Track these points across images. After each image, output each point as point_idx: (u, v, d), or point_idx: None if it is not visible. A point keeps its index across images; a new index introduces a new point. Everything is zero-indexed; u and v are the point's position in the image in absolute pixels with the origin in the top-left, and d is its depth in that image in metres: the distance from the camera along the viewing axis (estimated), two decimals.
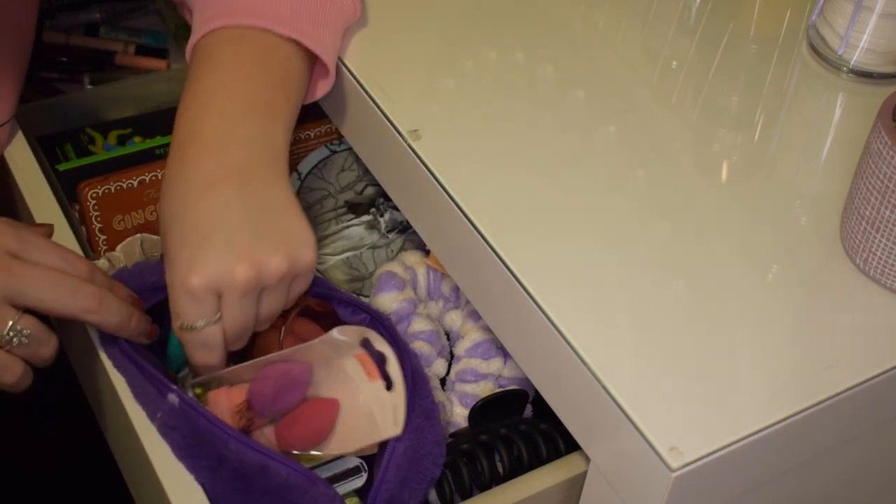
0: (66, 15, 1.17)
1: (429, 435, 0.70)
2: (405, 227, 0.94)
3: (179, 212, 0.68)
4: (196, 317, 0.67)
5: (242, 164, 0.69)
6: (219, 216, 0.67)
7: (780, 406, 0.60)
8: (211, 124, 0.70)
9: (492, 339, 0.83)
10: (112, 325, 0.68)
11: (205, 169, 0.68)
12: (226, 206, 0.67)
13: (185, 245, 0.67)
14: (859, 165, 0.66)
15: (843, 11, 0.79)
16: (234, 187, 0.68)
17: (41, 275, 0.65)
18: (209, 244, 0.66)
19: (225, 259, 0.66)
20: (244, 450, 0.65)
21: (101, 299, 0.66)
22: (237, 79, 0.71)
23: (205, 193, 0.67)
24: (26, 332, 0.65)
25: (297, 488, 0.64)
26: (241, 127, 0.70)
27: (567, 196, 0.70)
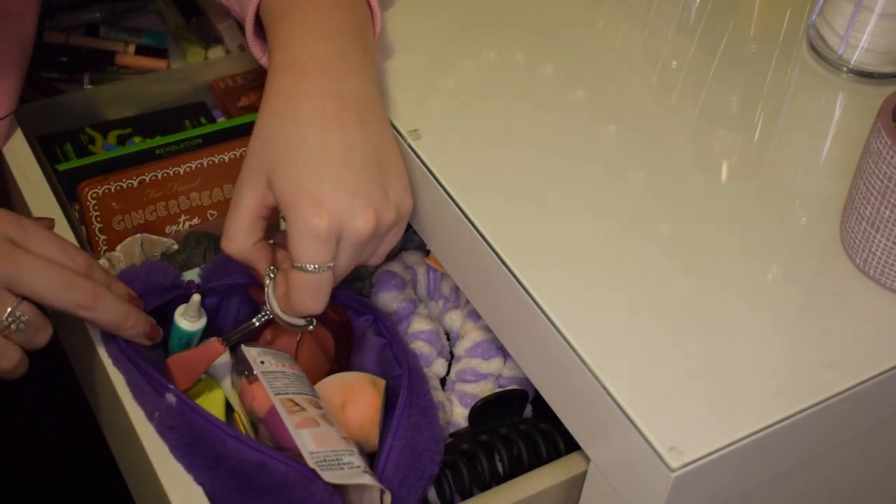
0: (66, 15, 1.17)
1: (426, 432, 0.70)
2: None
3: (297, 143, 0.67)
4: (320, 259, 0.67)
5: (362, 97, 0.68)
6: (343, 156, 0.66)
7: (780, 406, 0.60)
8: (323, 50, 0.68)
9: (492, 338, 0.83)
10: (107, 324, 0.68)
11: (326, 96, 0.67)
12: (348, 146, 0.66)
13: (309, 183, 0.66)
14: (859, 165, 0.66)
15: (842, 11, 0.79)
16: (357, 124, 0.67)
17: (39, 265, 0.65)
18: (338, 188, 0.66)
19: (352, 206, 0.66)
20: (242, 448, 0.65)
21: (96, 296, 0.66)
22: (335, 15, 0.70)
23: (328, 127, 0.66)
24: (24, 318, 0.64)
25: (297, 485, 0.64)
26: (353, 56, 0.69)
27: (567, 196, 0.70)
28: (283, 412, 0.67)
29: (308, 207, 0.66)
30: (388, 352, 0.77)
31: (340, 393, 0.74)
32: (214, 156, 0.90)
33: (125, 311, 0.68)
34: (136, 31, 1.17)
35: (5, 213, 0.66)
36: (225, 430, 0.66)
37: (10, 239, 0.65)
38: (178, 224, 0.91)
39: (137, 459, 0.70)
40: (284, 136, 0.67)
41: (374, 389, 0.74)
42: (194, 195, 0.90)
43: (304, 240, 0.66)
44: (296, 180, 0.66)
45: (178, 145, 0.94)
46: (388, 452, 0.69)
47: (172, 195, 0.90)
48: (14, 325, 0.64)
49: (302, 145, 0.67)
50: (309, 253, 0.67)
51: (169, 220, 0.90)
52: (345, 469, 0.66)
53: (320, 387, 0.75)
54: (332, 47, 0.69)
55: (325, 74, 0.68)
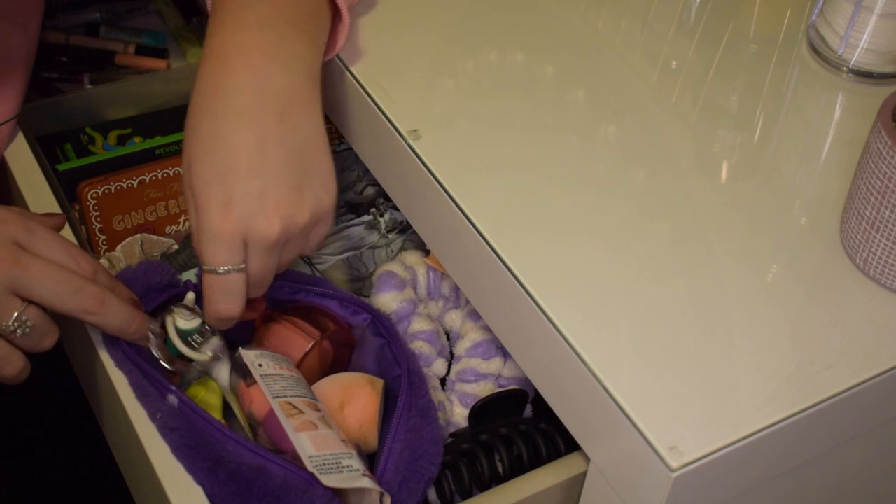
0: (66, 15, 1.17)
1: (425, 434, 0.70)
2: (405, 227, 0.94)
3: (210, 139, 0.65)
4: (223, 262, 0.66)
5: (283, 89, 0.66)
6: (255, 155, 0.64)
7: (780, 406, 0.60)
8: (249, 41, 0.66)
9: (492, 338, 0.83)
10: (112, 328, 0.68)
11: (243, 89, 0.65)
12: (262, 144, 0.64)
13: (217, 183, 0.64)
14: (859, 165, 0.66)
15: (842, 11, 0.79)
16: (273, 119, 0.65)
17: (46, 269, 0.64)
18: (243, 188, 0.64)
19: (257, 209, 0.64)
20: (242, 451, 0.65)
21: (102, 301, 0.66)
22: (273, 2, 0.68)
23: (242, 123, 0.64)
24: (30, 323, 0.64)
25: (296, 490, 0.64)
26: (282, 46, 0.67)
27: (567, 196, 0.70)
28: (282, 416, 0.67)
29: (214, 208, 0.64)
30: (386, 352, 0.77)
31: (339, 393, 0.74)
32: None
33: (129, 316, 0.68)
34: (136, 31, 1.17)
35: (13, 215, 0.66)
36: (225, 432, 0.66)
37: (16, 242, 0.65)
38: (178, 224, 0.91)
39: (137, 460, 0.70)
40: (201, 132, 0.65)
41: (373, 390, 0.74)
42: None
43: (209, 242, 0.65)
44: (205, 180, 0.65)
45: (178, 145, 0.94)
46: (388, 455, 0.69)
47: (172, 195, 0.90)
48: (20, 329, 0.64)
49: (213, 142, 0.65)
50: (214, 255, 0.65)
51: (169, 220, 0.90)
52: (344, 472, 0.65)
53: (318, 387, 0.75)
54: (260, 37, 0.67)
55: (246, 67, 0.66)
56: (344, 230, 0.93)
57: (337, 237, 0.93)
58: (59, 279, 0.65)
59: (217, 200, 0.64)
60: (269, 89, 0.65)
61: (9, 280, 0.63)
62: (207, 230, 0.65)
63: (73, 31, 1.15)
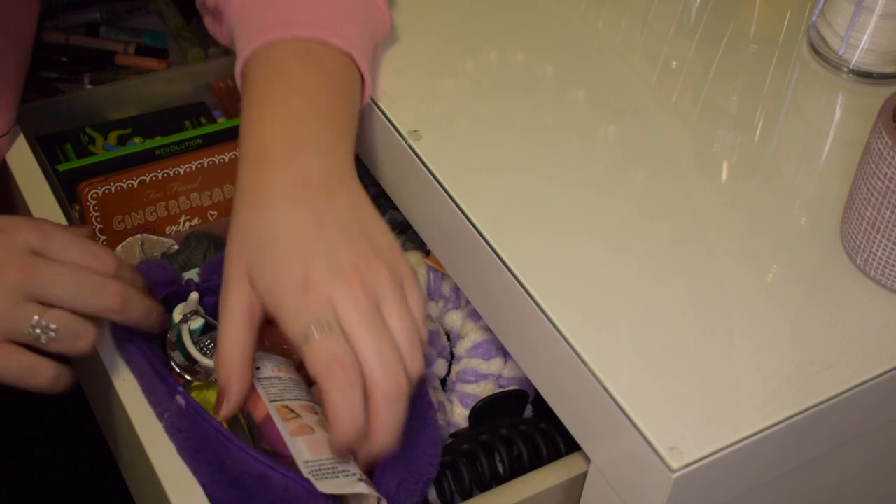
0: (66, 15, 1.17)
1: (423, 436, 0.70)
2: (405, 227, 0.94)
3: (270, 228, 0.63)
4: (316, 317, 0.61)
5: (322, 175, 0.65)
6: (315, 229, 0.63)
7: (781, 406, 0.60)
8: (284, 134, 0.67)
9: (492, 339, 0.83)
10: (133, 321, 0.67)
11: (287, 180, 0.65)
12: (318, 218, 0.63)
13: (289, 264, 0.62)
14: (859, 166, 0.66)
15: (843, 12, 0.79)
16: (323, 198, 0.64)
17: (62, 272, 0.64)
18: (315, 260, 0.62)
19: (333, 275, 0.61)
20: (245, 458, 0.65)
21: (124, 298, 0.65)
22: (305, 89, 0.69)
23: (292, 207, 0.64)
24: (53, 326, 0.63)
25: (297, 500, 0.64)
26: (315, 136, 0.67)
27: (567, 196, 0.70)
28: (279, 420, 0.67)
29: (292, 290, 0.61)
30: None
31: None
32: (214, 156, 0.90)
33: (148, 308, 0.68)
34: (136, 31, 1.17)
35: (25, 222, 0.65)
36: (230, 438, 0.66)
37: (32, 248, 0.64)
38: (178, 224, 0.91)
39: (138, 460, 0.70)
40: (257, 228, 0.64)
41: None
42: (194, 195, 0.90)
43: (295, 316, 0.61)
44: (273, 267, 0.62)
45: (178, 145, 0.94)
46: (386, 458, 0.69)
47: (172, 195, 0.90)
48: (44, 335, 0.63)
49: (273, 230, 0.63)
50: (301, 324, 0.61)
51: (169, 220, 0.90)
52: (339, 477, 0.65)
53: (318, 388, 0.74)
54: (297, 132, 0.67)
55: (285, 163, 0.65)
56: None
57: None
58: (77, 281, 0.64)
59: (292, 282, 0.61)
60: (310, 178, 0.65)
61: (23, 287, 0.63)
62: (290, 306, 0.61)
63: (73, 31, 1.15)
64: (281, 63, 0.71)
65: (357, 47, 0.73)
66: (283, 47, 0.71)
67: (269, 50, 0.71)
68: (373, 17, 0.76)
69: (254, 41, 0.72)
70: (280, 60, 0.71)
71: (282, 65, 0.71)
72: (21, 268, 0.63)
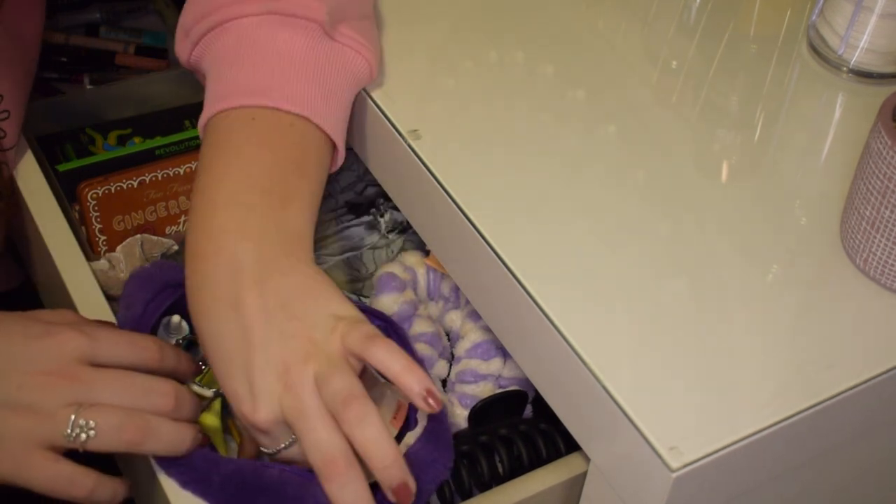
0: (66, 15, 1.17)
1: (441, 439, 0.70)
2: (405, 227, 0.94)
3: (212, 338, 0.64)
4: (272, 446, 0.64)
5: (257, 262, 0.64)
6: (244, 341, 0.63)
7: (781, 406, 0.60)
8: (217, 223, 0.66)
9: (492, 339, 0.83)
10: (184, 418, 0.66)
11: (220, 280, 0.64)
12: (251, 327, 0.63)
13: (233, 378, 0.63)
14: (859, 165, 0.66)
15: (842, 11, 0.79)
16: (254, 298, 0.63)
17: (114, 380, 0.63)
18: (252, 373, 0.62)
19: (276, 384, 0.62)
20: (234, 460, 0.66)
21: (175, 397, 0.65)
22: (246, 164, 0.68)
23: (227, 311, 0.64)
24: (91, 424, 0.62)
25: (293, 484, 0.64)
26: (251, 218, 0.66)
27: (567, 196, 0.70)
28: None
29: (242, 404, 0.63)
30: None
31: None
32: None
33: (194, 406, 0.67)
34: (136, 31, 1.17)
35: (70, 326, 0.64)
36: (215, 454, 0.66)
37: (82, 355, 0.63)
38: (178, 224, 0.91)
39: (138, 460, 0.70)
40: (202, 331, 0.65)
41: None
42: None
43: (253, 433, 0.64)
44: (224, 376, 0.64)
45: (178, 146, 0.94)
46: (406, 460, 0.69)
47: (172, 196, 0.90)
48: (83, 433, 0.61)
49: (213, 341, 0.64)
50: (263, 443, 0.65)
51: (169, 220, 0.90)
52: None
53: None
54: (227, 216, 0.66)
55: (215, 253, 0.65)
56: (344, 230, 0.93)
57: (337, 238, 0.93)
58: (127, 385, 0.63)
59: (240, 396, 0.63)
60: (242, 268, 0.64)
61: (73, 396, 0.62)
62: (247, 423, 0.64)
63: (73, 31, 1.15)
64: (226, 136, 0.69)
65: (316, 106, 0.70)
66: (231, 117, 0.69)
67: (219, 121, 0.70)
68: (345, 65, 0.73)
69: (208, 110, 0.71)
70: (225, 133, 0.69)
71: (225, 138, 0.69)
72: (71, 377, 0.62)
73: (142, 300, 0.72)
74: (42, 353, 0.63)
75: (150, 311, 0.72)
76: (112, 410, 0.62)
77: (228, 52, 0.72)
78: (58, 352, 0.63)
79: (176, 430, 0.64)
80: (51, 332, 0.64)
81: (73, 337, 0.64)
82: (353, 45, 0.74)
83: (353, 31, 0.74)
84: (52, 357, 0.63)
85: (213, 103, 0.71)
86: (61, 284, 0.77)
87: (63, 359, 0.63)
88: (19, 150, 0.85)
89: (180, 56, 0.77)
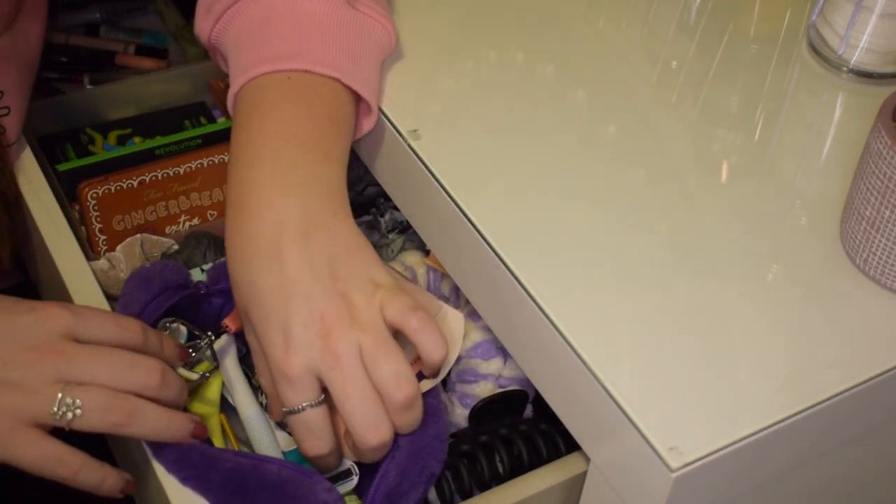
0: (66, 15, 1.17)
1: (430, 430, 0.70)
2: (405, 227, 0.94)
3: (248, 286, 0.65)
4: (296, 402, 0.64)
5: (302, 217, 0.65)
6: (288, 289, 0.64)
7: (781, 406, 0.60)
8: (262, 176, 0.67)
9: (492, 339, 0.83)
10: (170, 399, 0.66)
11: (264, 232, 0.65)
12: (292, 276, 0.64)
13: (269, 330, 0.64)
14: (859, 165, 0.66)
15: (842, 11, 0.79)
16: (298, 250, 0.64)
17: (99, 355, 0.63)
18: (291, 323, 0.63)
19: (311, 332, 0.63)
20: (232, 455, 0.66)
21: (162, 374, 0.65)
22: (285, 123, 0.69)
23: (267, 264, 0.64)
24: (78, 402, 0.61)
25: (292, 482, 0.64)
26: (293, 174, 0.67)
27: (567, 196, 0.70)
28: None
29: (275, 351, 0.64)
30: None
31: None
32: (214, 156, 0.90)
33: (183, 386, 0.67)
34: (136, 31, 1.17)
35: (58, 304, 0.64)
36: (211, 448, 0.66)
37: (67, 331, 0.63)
38: (178, 224, 0.91)
39: (138, 460, 0.70)
40: (239, 281, 0.66)
41: None
42: (194, 195, 0.90)
43: (279, 385, 0.65)
44: (261, 329, 0.65)
45: (178, 145, 0.94)
46: (393, 450, 0.69)
47: (172, 195, 0.90)
48: (70, 412, 0.61)
49: (252, 289, 0.65)
50: (287, 397, 0.65)
51: (169, 220, 0.90)
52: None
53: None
54: (272, 170, 0.67)
55: (261, 206, 0.66)
56: None
57: None
58: (113, 361, 0.63)
59: (275, 342, 0.64)
60: (286, 222, 0.65)
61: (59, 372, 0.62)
62: (275, 372, 0.64)
63: (73, 31, 1.15)
64: (261, 98, 0.70)
65: (344, 68, 0.72)
66: (264, 82, 0.71)
67: (252, 87, 0.71)
68: (367, 32, 0.75)
69: (239, 79, 0.71)
70: (261, 96, 0.70)
71: (262, 100, 0.70)
72: (57, 352, 0.62)
73: (140, 301, 0.72)
74: (27, 328, 0.63)
75: (149, 313, 0.72)
76: (99, 390, 0.62)
77: (255, 24, 0.73)
78: (43, 327, 0.63)
79: (163, 415, 0.64)
80: (35, 308, 0.64)
81: (59, 313, 0.64)
82: (374, 14, 0.76)
83: (373, 2, 0.76)
84: (37, 333, 0.63)
85: (244, 71, 0.71)
86: (61, 284, 0.77)
87: (49, 334, 0.63)
88: (19, 150, 0.85)
89: (200, 33, 0.78)
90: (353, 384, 0.64)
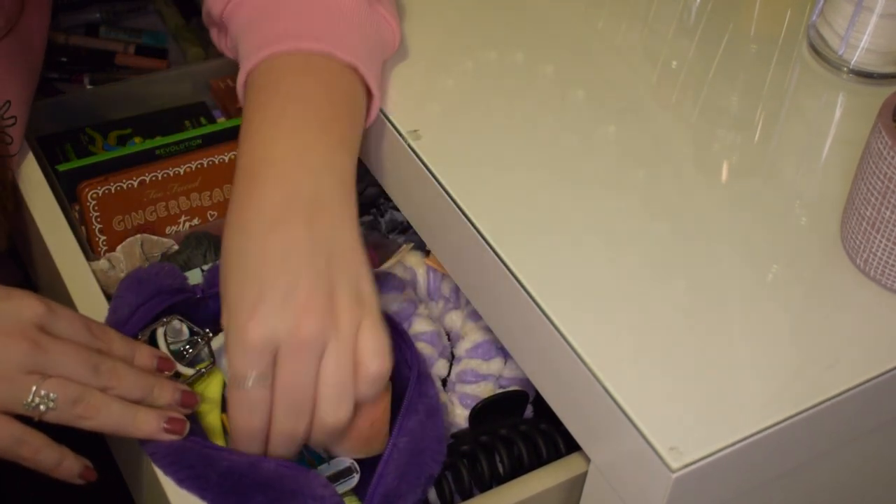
0: (66, 15, 1.17)
1: (429, 431, 0.70)
2: (405, 227, 0.94)
3: (237, 254, 0.64)
4: (246, 367, 0.63)
5: (312, 197, 0.65)
6: (281, 262, 0.63)
7: (781, 406, 0.60)
8: (279, 151, 0.66)
9: (492, 339, 0.83)
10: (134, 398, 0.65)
11: (271, 203, 0.64)
12: (288, 251, 0.63)
13: (245, 290, 0.63)
14: (859, 166, 0.66)
15: (843, 11, 0.79)
16: (301, 227, 0.64)
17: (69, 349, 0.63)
18: (272, 292, 0.62)
19: (284, 307, 0.62)
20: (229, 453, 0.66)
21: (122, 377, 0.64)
22: (304, 104, 0.68)
23: (270, 234, 0.64)
24: (52, 396, 0.62)
25: (289, 477, 0.64)
26: (310, 154, 0.66)
27: (567, 196, 0.70)
28: None
29: (240, 314, 0.62)
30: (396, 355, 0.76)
31: None
32: (214, 156, 0.90)
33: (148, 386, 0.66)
34: (136, 31, 1.17)
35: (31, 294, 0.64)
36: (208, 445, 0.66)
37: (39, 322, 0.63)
38: (178, 224, 0.91)
39: (138, 460, 0.70)
40: (231, 248, 0.65)
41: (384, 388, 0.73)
42: (194, 196, 0.90)
43: (234, 347, 0.63)
44: (234, 289, 0.64)
45: (178, 146, 0.94)
46: (391, 451, 0.69)
47: (172, 196, 0.90)
48: (43, 404, 0.62)
49: (241, 257, 0.64)
50: (238, 361, 0.63)
51: (169, 220, 0.90)
52: None
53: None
54: (289, 145, 0.66)
55: (275, 178, 0.65)
56: None
57: None
58: (82, 358, 0.63)
59: (245, 307, 0.62)
60: (297, 198, 0.65)
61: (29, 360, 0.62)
62: (233, 333, 0.63)
63: (73, 31, 1.16)
64: (281, 76, 0.70)
65: (362, 59, 0.72)
66: (284, 60, 0.70)
67: (271, 63, 0.71)
68: (381, 31, 0.76)
69: (256, 54, 0.71)
70: (280, 73, 0.70)
71: (281, 77, 0.70)
72: (30, 340, 0.62)
73: (131, 304, 0.71)
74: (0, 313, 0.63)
75: (139, 316, 0.71)
76: (73, 386, 0.63)
77: (271, 2, 0.73)
78: (16, 314, 0.63)
79: (126, 410, 0.64)
80: (11, 295, 0.64)
81: (32, 303, 0.64)
82: (388, 16, 0.76)
83: (390, 4, 0.77)
84: (9, 318, 0.63)
85: (259, 49, 0.71)
86: (61, 284, 0.77)
87: (21, 321, 0.63)
88: (19, 150, 0.85)
89: (213, 9, 0.77)
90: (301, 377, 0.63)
